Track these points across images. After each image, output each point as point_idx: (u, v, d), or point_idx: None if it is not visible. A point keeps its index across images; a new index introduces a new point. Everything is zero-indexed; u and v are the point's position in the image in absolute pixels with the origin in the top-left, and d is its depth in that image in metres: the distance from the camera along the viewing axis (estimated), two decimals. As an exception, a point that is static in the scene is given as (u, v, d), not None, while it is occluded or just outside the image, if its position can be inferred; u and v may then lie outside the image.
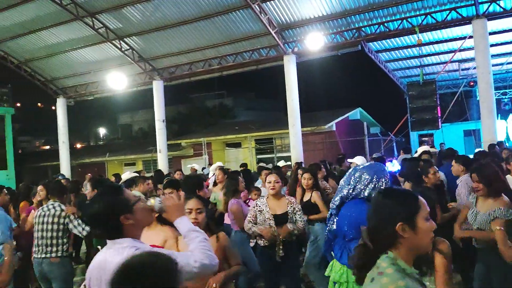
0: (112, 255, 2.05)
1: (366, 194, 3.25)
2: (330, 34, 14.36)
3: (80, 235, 5.15)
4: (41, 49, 17.82)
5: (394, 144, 18.69)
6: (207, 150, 19.69)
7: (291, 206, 4.79)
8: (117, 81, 17.19)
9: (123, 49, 16.65)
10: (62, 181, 9.97)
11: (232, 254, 3.26)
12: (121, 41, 16.39)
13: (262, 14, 13.59)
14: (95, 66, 18.26)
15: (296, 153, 14.90)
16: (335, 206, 3.40)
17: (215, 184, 7.37)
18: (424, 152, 6.95)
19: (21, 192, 7.76)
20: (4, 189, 5.75)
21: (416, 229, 1.74)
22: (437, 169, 5.41)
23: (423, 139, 19.04)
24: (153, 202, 2.34)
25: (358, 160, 6.84)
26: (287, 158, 14.30)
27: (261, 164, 10.86)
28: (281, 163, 10.49)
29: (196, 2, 13.92)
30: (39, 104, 44.29)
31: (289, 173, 9.29)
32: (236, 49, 15.89)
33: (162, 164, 17.48)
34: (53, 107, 22.66)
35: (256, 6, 13.29)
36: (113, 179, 10.90)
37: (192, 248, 2.19)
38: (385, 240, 1.75)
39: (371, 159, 9.55)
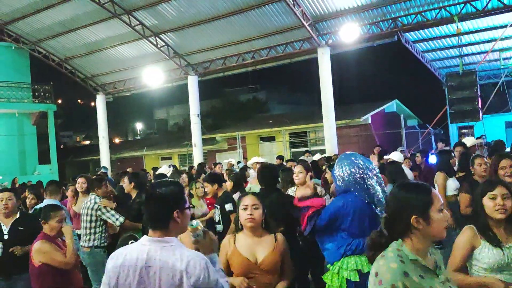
0: (160, 253, 2.02)
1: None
2: (366, 25, 14.12)
3: (114, 224, 5.43)
4: (80, 47, 18.44)
5: (432, 136, 18.23)
6: (241, 144, 19.84)
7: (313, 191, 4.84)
8: (153, 77, 17.59)
9: (158, 46, 16.97)
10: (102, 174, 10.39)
11: (287, 258, 3.15)
12: (156, 38, 16.71)
13: (295, 7, 13.50)
14: (132, 63, 18.70)
15: (331, 146, 14.79)
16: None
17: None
18: (457, 144, 6.78)
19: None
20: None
21: (429, 220, 1.86)
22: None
23: (463, 131, 18.44)
24: (198, 227, 2.34)
25: (395, 156, 6.75)
26: (322, 152, 14.23)
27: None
28: (317, 156, 10.49)
29: (230, -4, 14.02)
30: (79, 100, 45.79)
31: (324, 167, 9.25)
32: (270, 43, 15.89)
33: (197, 158, 17.76)
34: (93, 103, 23.40)
35: (289, -2, 13.23)
36: (151, 172, 11.21)
37: None
38: (399, 230, 1.91)
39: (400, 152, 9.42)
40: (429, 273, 1.85)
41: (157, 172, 8.41)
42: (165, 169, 9.73)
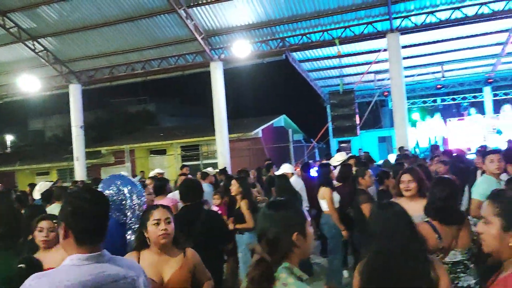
0: (106, 267, 1.84)
1: None
2: (256, 43, 14.60)
3: None
4: None
5: (316, 150, 19.39)
6: (130, 158, 18.97)
7: None
8: (29, 84, 16.03)
9: (36, 50, 15.55)
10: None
11: (201, 271, 3.00)
12: (34, 42, 15.31)
13: (188, 20, 13.44)
14: (5, 68, 16.87)
15: (223, 159, 14.88)
16: None
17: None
18: (351, 157, 7.30)
19: None
20: None
21: (306, 236, 1.86)
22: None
23: (342, 145, 19.94)
24: None
25: (285, 169, 6.93)
26: (214, 165, 14.25)
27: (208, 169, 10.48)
28: (209, 170, 10.35)
29: (118, 3, 13.40)
30: None
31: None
32: (161, 54, 15.56)
33: (80, 173, 16.54)
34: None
35: (182, 11, 13.12)
36: (27, 189, 10.05)
37: None
38: (282, 250, 1.81)
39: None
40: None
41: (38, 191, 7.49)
42: (43, 185, 8.66)
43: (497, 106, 19.15)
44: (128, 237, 3.45)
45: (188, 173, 9.30)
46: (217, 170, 10.72)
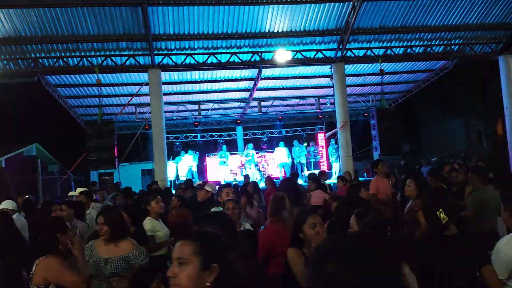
0: None
1: None
2: (2, 60, 12.81)
3: None
4: None
5: (73, 182, 17.97)
6: None
7: None
8: None
9: None
10: None
11: None
12: None
13: None
14: None
15: None
16: None
17: None
18: (82, 193, 7.08)
19: None
20: None
21: None
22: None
23: (104, 177, 19.09)
24: None
25: (6, 205, 6.08)
26: None
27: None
28: None
29: None
30: None
31: None
32: None
33: None
34: None
35: None
36: None
37: None
38: None
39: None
40: None
41: None
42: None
43: (247, 144, 21.65)
44: None
45: None
46: None
